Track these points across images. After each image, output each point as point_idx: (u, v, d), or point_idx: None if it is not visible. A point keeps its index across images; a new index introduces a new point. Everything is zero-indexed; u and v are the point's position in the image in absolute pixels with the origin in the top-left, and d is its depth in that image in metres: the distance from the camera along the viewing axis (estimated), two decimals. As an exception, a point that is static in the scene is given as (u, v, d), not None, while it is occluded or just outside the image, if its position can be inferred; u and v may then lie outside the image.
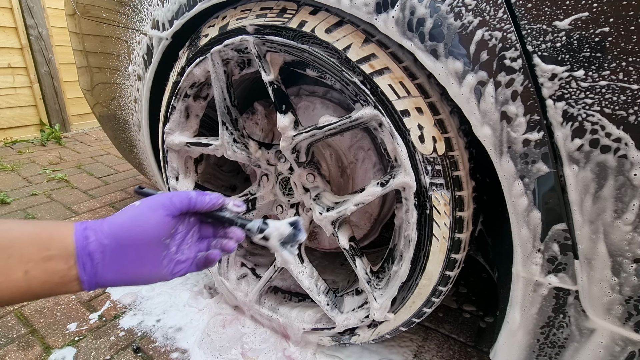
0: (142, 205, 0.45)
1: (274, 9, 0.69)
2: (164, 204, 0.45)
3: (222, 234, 0.53)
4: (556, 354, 0.58)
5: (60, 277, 0.40)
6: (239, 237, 0.53)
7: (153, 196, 0.47)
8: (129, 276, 0.44)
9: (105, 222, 0.43)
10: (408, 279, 0.72)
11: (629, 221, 0.45)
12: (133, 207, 0.45)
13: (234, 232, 0.53)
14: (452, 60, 0.51)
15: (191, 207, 0.48)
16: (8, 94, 2.88)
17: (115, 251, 0.42)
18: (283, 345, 0.97)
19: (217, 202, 0.51)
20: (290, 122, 0.74)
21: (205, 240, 0.53)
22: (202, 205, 0.49)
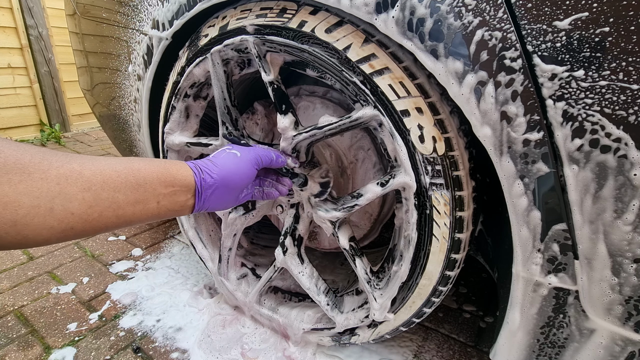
0: (243, 157, 0.61)
1: (274, 9, 0.69)
2: (257, 160, 0.63)
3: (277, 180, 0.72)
4: (556, 354, 0.58)
5: (181, 205, 0.53)
6: (289, 185, 0.73)
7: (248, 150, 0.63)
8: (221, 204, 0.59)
9: (215, 166, 0.57)
10: (408, 279, 0.72)
11: (629, 221, 0.45)
12: (235, 157, 0.60)
13: (286, 181, 0.73)
14: (452, 60, 0.51)
15: (271, 165, 0.67)
16: (8, 94, 2.87)
17: (219, 189, 0.57)
18: (283, 345, 0.97)
19: (284, 163, 0.71)
20: (291, 123, 0.74)
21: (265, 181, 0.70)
22: (277, 165, 0.68)
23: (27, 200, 0.39)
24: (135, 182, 0.47)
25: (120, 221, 0.47)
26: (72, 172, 0.42)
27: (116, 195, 0.45)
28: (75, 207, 0.42)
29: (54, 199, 0.40)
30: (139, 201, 0.48)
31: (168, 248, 1.47)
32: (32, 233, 0.40)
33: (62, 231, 0.42)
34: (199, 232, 1.08)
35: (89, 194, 0.43)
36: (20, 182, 0.38)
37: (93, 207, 0.43)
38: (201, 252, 1.08)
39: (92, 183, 0.43)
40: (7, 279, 1.24)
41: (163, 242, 1.50)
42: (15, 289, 1.20)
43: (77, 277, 1.27)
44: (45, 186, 0.40)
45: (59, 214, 0.41)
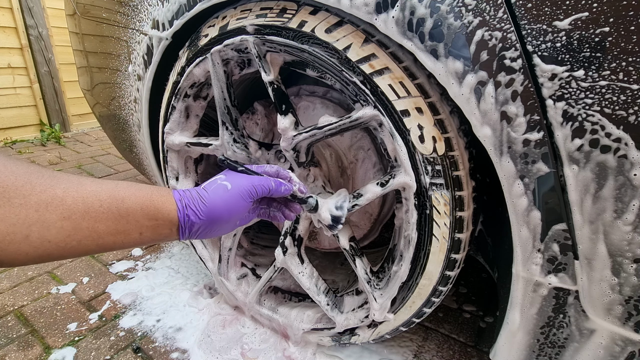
0: (234, 191, 0.55)
1: (274, 9, 0.69)
2: (250, 192, 0.56)
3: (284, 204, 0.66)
4: (556, 354, 0.58)
5: (165, 236, 0.51)
6: (298, 211, 0.67)
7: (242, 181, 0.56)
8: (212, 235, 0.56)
9: (203, 203, 0.53)
10: (408, 279, 0.72)
11: (629, 221, 0.45)
12: (225, 190, 0.55)
13: (295, 207, 0.66)
14: (452, 60, 0.51)
15: (271, 194, 0.59)
16: (8, 94, 2.87)
17: (206, 225, 0.53)
18: (283, 345, 0.97)
19: (289, 192, 0.61)
20: (291, 124, 0.74)
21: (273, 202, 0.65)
22: (277, 195, 0.60)
23: (2, 227, 0.38)
24: (118, 214, 0.46)
25: (99, 249, 0.46)
26: (54, 198, 0.42)
27: (97, 225, 0.44)
28: (53, 235, 0.41)
29: (31, 227, 0.40)
30: (121, 232, 0.47)
31: (168, 248, 1.47)
32: (7, 258, 0.39)
33: (38, 257, 0.41)
34: (199, 232, 1.08)
35: (68, 222, 0.42)
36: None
37: (71, 236, 0.42)
38: (201, 252, 1.08)
39: (73, 212, 0.42)
40: (7, 279, 1.24)
41: (163, 242, 1.50)
42: (15, 289, 1.20)
43: (77, 277, 1.27)
44: (24, 213, 0.39)
45: (35, 242, 0.40)
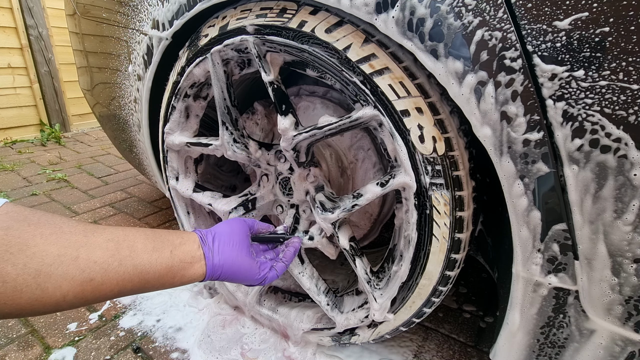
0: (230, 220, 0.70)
1: (274, 9, 0.69)
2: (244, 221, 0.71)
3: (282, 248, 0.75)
4: (556, 354, 0.58)
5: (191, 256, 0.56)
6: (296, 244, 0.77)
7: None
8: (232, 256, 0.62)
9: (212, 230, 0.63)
10: (408, 279, 0.72)
11: (629, 221, 0.45)
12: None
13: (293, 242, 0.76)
14: (452, 61, 0.51)
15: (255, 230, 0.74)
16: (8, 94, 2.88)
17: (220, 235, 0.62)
18: (283, 345, 0.97)
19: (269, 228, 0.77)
20: (291, 124, 0.74)
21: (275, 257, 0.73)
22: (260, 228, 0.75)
23: (54, 250, 0.41)
24: (152, 233, 0.53)
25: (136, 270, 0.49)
26: (97, 227, 0.47)
27: (135, 243, 0.49)
28: (99, 255, 0.44)
29: (80, 248, 0.43)
30: (156, 249, 0.51)
31: (168, 248, 1.46)
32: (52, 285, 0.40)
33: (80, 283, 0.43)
34: (199, 232, 1.08)
35: (112, 243, 0.47)
36: (51, 235, 0.41)
37: (114, 256, 0.46)
38: (201, 252, 1.08)
39: (115, 235, 0.48)
40: (7, 279, 1.24)
41: (163, 242, 1.50)
42: (15, 289, 1.19)
43: (77, 277, 1.27)
44: (74, 237, 0.43)
45: (82, 263, 0.43)
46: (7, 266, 0.37)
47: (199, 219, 1.08)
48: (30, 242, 0.39)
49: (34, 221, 0.41)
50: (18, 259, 0.38)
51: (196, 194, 0.98)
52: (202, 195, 0.98)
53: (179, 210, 1.06)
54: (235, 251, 0.62)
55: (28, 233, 0.39)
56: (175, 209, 1.08)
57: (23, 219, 0.40)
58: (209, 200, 0.95)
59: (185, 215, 1.07)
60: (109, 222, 1.66)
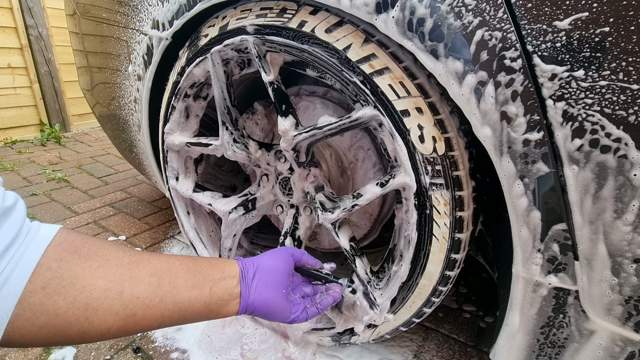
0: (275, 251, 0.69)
1: (274, 9, 0.69)
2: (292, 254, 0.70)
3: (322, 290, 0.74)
4: (556, 354, 0.58)
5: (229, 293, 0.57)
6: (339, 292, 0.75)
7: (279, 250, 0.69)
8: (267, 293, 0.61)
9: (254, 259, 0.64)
10: (408, 279, 0.72)
11: (629, 221, 0.45)
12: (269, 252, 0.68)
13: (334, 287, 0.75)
14: (452, 61, 0.51)
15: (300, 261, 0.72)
16: (8, 94, 2.88)
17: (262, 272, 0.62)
18: (282, 345, 0.97)
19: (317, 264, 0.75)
20: (291, 126, 0.74)
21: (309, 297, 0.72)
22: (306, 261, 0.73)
23: (101, 284, 0.42)
24: (194, 268, 0.53)
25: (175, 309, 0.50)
26: (142, 259, 0.48)
27: (177, 279, 0.50)
28: (141, 290, 0.46)
29: (125, 282, 0.45)
30: (196, 286, 0.52)
31: (168, 248, 1.47)
32: (99, 319, 0.42)
33: (124, 318, 0.44)
34: (199, 233, 1.08)
35: (155, 278, 0.48)
36: (99, 268, 0.43)
37: (156, 292, 0.47)
38: (202, 253, 1.08)
39: (159, 268, 0.49)
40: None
41: (163, 242, 1.50)
42: (15, 289, 1.19)
43: (77, 277, 1.27)
44: (119, 271, 0.45)
45: (126, 298, 0.44)
46: (59, 299, 0.39)
47: (199, 219, 1.08)
48: (80, 275, 0.41)
49: (84, 253, 0.43)
50: (69, 293, 0.40)
51: (196, 194, 0.98)
52: (202, 195, 0.98)
53: (179, 210, 1.07)
54: (272, 292, 0.61)
55: (78, 266, 0.42)
56: (175, 209, 1.08)
57: (74, 250, 0.43)
58: (209, 200, 0.95)
59: (185, 216, 1.07)
60: (109, 222, 1.66)
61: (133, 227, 1.62)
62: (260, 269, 0.61)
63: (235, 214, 0.91)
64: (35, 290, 0.38)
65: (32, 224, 0.42)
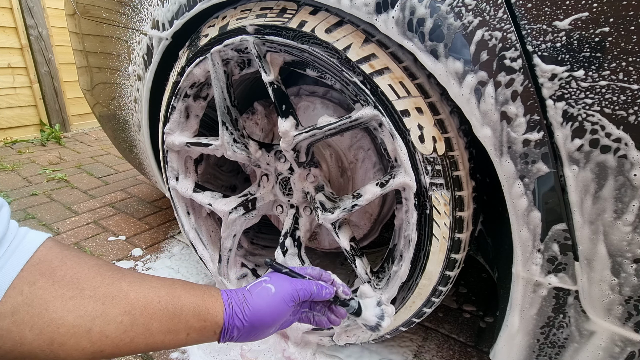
0: (277, 294, 0.56)
1: (274, 9, 0.69)
2: (293, 297, 0.57)
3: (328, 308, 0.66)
4: (556, 354, 0.58)
5: (207, 338, 0.52)
6: (343, 316, 0.66)
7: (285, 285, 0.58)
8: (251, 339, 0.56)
9: (247, 306, 0.54)
10: (408, 279, 0.72)
11: (629, 222, 0.45)
12: (269, 293, 0.56)
13: (340, 311, 0.65)
14: (452, 61, 0.51)
15: (313, 298, 0.60)
16: (8, 94, 2.88)
17: (248, 330, 0.54)
18: (282, 346, 0.97)
19: (330, 295, 0.62)
20: (291, 126, 0.73)
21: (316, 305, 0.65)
22: (319, 298, 0.60)
23: (70, 319, 0.41)
24: (173, 312, 0.48)
25: (147, 348, 0.47)
26: (120, 291, 0.45)
27: (151, 322, 0.46)
28: (112, 330, 0.43)
29: (95, 320, 0.42)
30: (171, 331, 0.49)
31: (168, 248, 1.46)
32: (64, 353, 0.41)
33: (91, 353, 0.42)
34: (199, 233, 1.08)
35: (127, 317, 0.44)
36: (70, 299, 0.41)
37: (127, 332, 0.44)
38: (202, 253, 1.08)
39: (134, 307, 0.45)
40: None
41: (163, 242, 1.50)
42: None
43: (77, 277, 1.27)
44: (91, 305, 0.42)
45: (94, 336, 0.42)
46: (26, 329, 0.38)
47: (199, 220, 1.08)
48: (50, 305, 0.40)
49: (59, 277, 0.41)
50: (36, 324, 0.39)
51: (196, 194, 0.98)
52: (202, 195, 0.98)
53: (179, 210, 1.06)
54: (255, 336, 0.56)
55: (50, 294, 0.40)
56: (175, 209, 1.08)
57: (50, 273, 0.41)
58: (209, 200, 0.95)
59: (185, 216, 1.07)
60: (109, 222, 1.66)
61: (133, 227, 1.62)
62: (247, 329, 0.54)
63: (235, 214, 0.91)
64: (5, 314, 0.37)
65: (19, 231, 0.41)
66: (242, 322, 0.53)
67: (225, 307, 0.53)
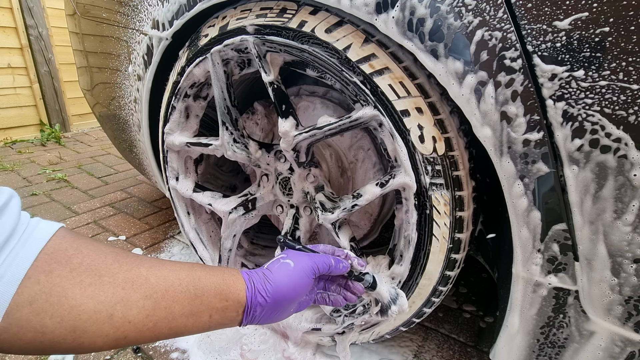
0: (297, 268, 0.56)
1: (274, 9, 0.69)
2: (313, 270, 0.57)
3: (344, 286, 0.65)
4: (556, 354, 0.58)
5: (230, 320, 0.51)
6: (360, 291, 0.65)
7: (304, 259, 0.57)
8: (273, 319, 0.55)
9: (269, 283, 0.53)
10: (408, 279, 0.72)
11: (629, 222, 0.45)
12: (289, 268, 0.56)
13: (357, 287, 0.64)
14: (452, 61, 0.51)
15: (331, 272, 0.59)
16: (8, 94, 2.88)
17: (271, 307, 0.53)
18: (282, 346, 0.97)
19: (347, 269, 0.61)
20: (292, 127, 0.73)
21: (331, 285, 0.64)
22: (337, 272, 0.60)
23: (91, 305, 0.40)
24: (194, 293, 0.47)
25: (170, 333, 0.46)
26: (139, 276, 0.44)
27: (173, 305, 0.45)
28: (134, 314, 0.42)
29: (116, 305, 0.41)
30: (194, 313, 0.48)
31: (168, 248, 1.47)
32: (88, 340, 0.40)
33: (115, 340, 0.42)
34: (199, 233, 1.08)
35: (149, 301, 0.43)
36: (90, 285, 0.40)
37: (150, 317, 0.44)
38: (202, 253, 1.08)
39: (155, 290, 0.44)
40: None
41: (163, 242, 1.50)
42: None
43: (77, 277, 1.27)
44: (111, 290, 0.41)
45: (117, 321, 0.41)
46: (46, 318, 0.37)
47: (199, 220, 1.08)
48: (69, 292, 0.39)
49: (75, 265, 0.40)
50: (56, 312, 0.38)
51: (196, 194, 0.98)
52: (202, 195, 0.98)
53: (179, 210, 1.06)
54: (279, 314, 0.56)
55: (68, 281, 0.39)
56: (175, 209, 1.08)
57: (66, 261, 0.40)
58: (209, 200, 0.95)
59: (185, 216, 1.07)
60: (109, 222, 1.66)
61: (133, 227, 1.62)
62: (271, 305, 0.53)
63: (235, 214, 0.91)
64: (22, 304, 0.36)
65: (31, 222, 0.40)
66: (265, 299, 0.52)
67: (247, 285, 0.52)
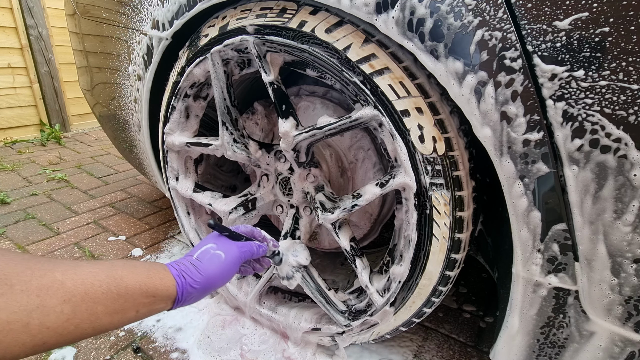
0: (227, 260, 0.60)
1: (274, 9, 0.69)
2: (240, 259, 0.63)
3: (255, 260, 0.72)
4: (556, 354, 0.58)
5: (159, 310, 0.53)
6: (267, 265, 0.75)
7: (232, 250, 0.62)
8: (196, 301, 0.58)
9: (199, 273, 0.57)
10: (408, 279, 0.72)
11: (629, 222, 0.45)
12: (220, 260, 0.60)
13: (265, 262, 0.73)
14: (452, 61, 0.51)
15: (253, 257, 0.66)
16: (8, 94, 2.87)
17: (201, 294, 0.57)
18: (282, 346, 0.97)
19: (266, 251, 0.70)
20: (292, 127, 0.74)
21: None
22: (257, 256, 0.67)
23: (3, 316, 0.38)
24: (117, 293, 0.47)
25: (95, 331, 0.46)
26: (54, 282, 0.42)
27: (95, 306, 0.44)
28: (52, 320, 0.41)
29: (32, 313, 0.40)
30: (118, 311, 0.47)
31: (168, 248, 1.46)
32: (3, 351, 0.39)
33: (33, 347, 0.40)
34: (199, 234, 1.08)
35: (68, 306, 0.42)
36: (1, 296, 0.38)
37: (70, 320, 0.42)
38: (201, 252, 1.08)
39: (73, 294, 0.43)
40: (7, 279, 1.24)
41: (163, 242, 1.50)
42: (15, 289, 1.19)
43: (77, 277, 1.27)
44: (25, 299, 0.40)
45: (33, 329, 0.40)
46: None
47: (199, 220, 1.08)
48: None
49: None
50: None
51: (196, 194, 0.98)
52: (202, 195, 0.98)
53: (179, 210, 1.06)
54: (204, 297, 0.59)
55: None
56: (175, 209, 1.08)
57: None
58: (209, 200, 0.95)
59: (185, 216, 1.07)
60: (109, 222, 1.66)
61: (133, 227, 1.62)
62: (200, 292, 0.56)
63: (235, 214, 0.91)
64: None
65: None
66: (196, 289, 0.56)
67: (177, 282, 0.54)
